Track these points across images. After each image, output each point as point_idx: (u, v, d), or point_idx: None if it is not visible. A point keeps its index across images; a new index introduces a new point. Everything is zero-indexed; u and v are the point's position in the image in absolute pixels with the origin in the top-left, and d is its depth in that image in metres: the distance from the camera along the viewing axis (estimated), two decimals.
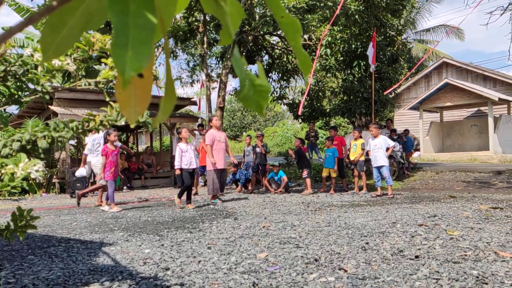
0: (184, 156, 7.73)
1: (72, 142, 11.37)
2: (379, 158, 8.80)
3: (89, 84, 1.96)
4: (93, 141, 9.77)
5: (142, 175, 13.77)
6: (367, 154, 9.58)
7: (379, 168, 8.90)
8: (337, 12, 8.65)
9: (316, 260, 3.45)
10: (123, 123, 1.83)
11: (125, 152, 15.65)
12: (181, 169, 7.70)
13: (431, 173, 13.50)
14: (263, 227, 5.26)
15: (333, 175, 10.11)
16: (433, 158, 20.50)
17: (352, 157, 10.09)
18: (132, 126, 0.59)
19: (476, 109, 22.06)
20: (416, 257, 3.47)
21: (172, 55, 16.81)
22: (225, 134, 9.14)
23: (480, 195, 8.59)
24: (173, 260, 3.56)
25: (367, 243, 4.06)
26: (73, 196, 10.81)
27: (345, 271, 3.12)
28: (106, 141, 7.99)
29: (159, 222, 6.04)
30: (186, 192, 7.83)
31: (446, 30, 30.20)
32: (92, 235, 5.02)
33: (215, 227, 5.34)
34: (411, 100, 23.24)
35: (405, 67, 28.12)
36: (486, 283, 2.71)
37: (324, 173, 10.44)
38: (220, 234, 4.81)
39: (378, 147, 8.82)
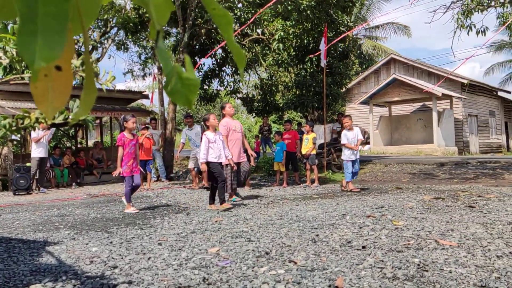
0: (212, 148, 6.43)
1: (15, 137, 10.81)
2: (357, 151, 8.51)
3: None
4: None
5: (93, 171, 13.35)
6: (340, 145, 9.98)
7: (355, 161, 8.52)
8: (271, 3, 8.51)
9: (267, 253, 3.48)
10: (61, 120, 1.75)
11: (72, 147, 15.08)
12: (208, 163, 6.41)
13: (380, 166, 13.97)
14: (216, 221, 5.24)
15: (282, 169, 10.24)
16: (382, 151, 21.25)
17: (304, 151, 10.15)
18: (72, 123, 0.56)
19: (421, 103, 23.03)
20: (363, 247, 3.58)
21: (123, 47, 16.35)
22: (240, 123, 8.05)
23: (424, 186, 8.99)
24: (122, 258, 3.47)
25: (317, 235, 4.14)
26: (17, 193, 10.30)
27: (295, 263, 3.17)
28: (123, 128, 6.70)
29: (108, 219, 5.88)
30: (211, 190, 6.58)
31: (393, 27, 31.24)
32: (35, 234, 4.80)
33: (167, 223, 5.26)
34: (361, 94, 23.91)
35: (356, 63, 28.88)
36: (427, 271, 2.83)
37: (276, 167, 10.55)
38: (171, 230, 4.74)
39: (355, 140, 8.52)
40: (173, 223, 5.20)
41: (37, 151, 10.78)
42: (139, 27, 11.88)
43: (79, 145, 17.43)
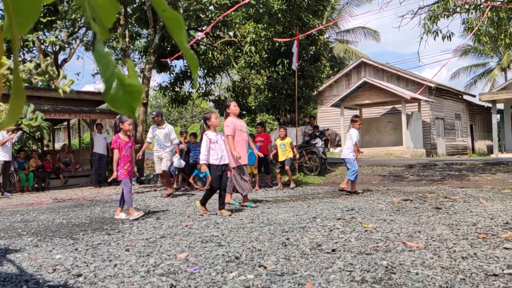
0: (213, 149, 6.07)
1: None
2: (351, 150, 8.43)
3: None
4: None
5: (60, 174, 12.98)
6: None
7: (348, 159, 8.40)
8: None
9: (237, 258, 3.45)
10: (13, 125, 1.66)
11: (38, 150, 14.65)
12: (209, 165, 6.09)
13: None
14: (186, 226, 5.17)
15: (254, 171, 10.20)
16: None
17: (282, 158, 10.01)
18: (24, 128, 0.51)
19: (391, 106, 23.48)
20: (333, 250, 3.59)
21: (91, 48, 15.95)
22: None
23: (393, 188, 9.15)
24: (87, 265, 3.37)
25: (287, 238, 4.14)
26: None
27: (265, 268, 3.15)
28: (117, 130, 6.37)
29: (74, 224, 5.70)
30: (219, 196, 6.21)
31: (363, 31, 31.79)
32: None
33: (136, 228, 5.15)
34: (333, 97, 24.19)
35: (327, 66, 29.22)
36: (394, 273, 2.86)
37: (248, 170, 10.50)
38: (140, 235, 4.64)
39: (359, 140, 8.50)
40: (142, 228, 5.10)
41: (1, 155, 10.41)
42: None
43: (45, 148, 16.93)
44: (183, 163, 8.90)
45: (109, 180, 6.43)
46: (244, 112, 15.31)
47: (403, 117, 20.66)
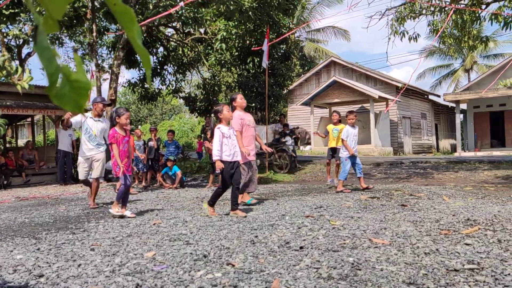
0: (226, 144, 5.55)
1: None
2: (355, 148, 8.17)
3: None
4: None
5: (23, 172, 12.57)
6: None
7: (355, 158, 8.12)
8: None
9: (205, 256, 3.42)
10: None
11: (1, 147, 14.15)
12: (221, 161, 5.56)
13: (321, 166, 14.29)
14: (154, 224, 5.10)
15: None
16: (323, 152, 21.80)
17: (333, 144, 8.98)
18: None
19: (360, 105, 23.88)
20: (301, 248, 3.62)
21: (57, 42, 15.53)
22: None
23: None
24: (49, 266, 3.27)
25: (256, 236, 4.14)
26: None
27: (233, 266, 3.14)
28: (114, 123, 5.99)
29: (38, 223, 5.53)
30: (232, 193, 5.79)
31: (334, 30, 32.18)
32: None
33: (102, 227, 5.04)
34: (303, 96, 24.40)
35: (298, 64, 29.44)
36: (360, 269, 2.91)
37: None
38: (106, 234, 4.55)
39: (356, 138, 8.24)
40: (109, 227, 5.00)
41: None
42: (74, 21, 11.34)
43: (8, 145, 16.36)
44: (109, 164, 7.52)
45: (116, 176, 6.05)
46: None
47: (371, 116, 21.06)
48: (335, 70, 25.25)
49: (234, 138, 5.67)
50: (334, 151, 9.04)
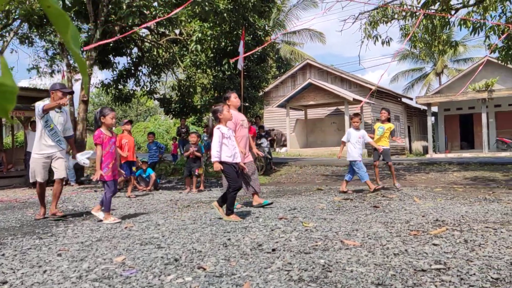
0: (226, 145, 5.36)
1: None
2: (360, 152, 8.04)
3: None
4: None
5: None
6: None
7: (354, 162, 7.96)
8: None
9: (176, 260, 3.38)
10: None
11: None
12: (221, 163, 5.36)
13: (296, 168, 14.39)
14: (125, 228, 5.01)
15: (200, 171, 10.06)
16: (298, 153, 21.95)
17: (378, 143, 8.44)
18: None
19: (335, 108, 24.17)
20: (273, 250, 3.62)
21: (27, 41, 15.14)
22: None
23: (335, 187, 9.39)
24: (14, 272, 3.17)
25: (229, 239, 4.12)
26: None
27: (204, 269, 3.11)
28: (98, 124, 5.70)
29: (3, 228, 5.36)
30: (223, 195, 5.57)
31: (309, 33, 32.46)
32: None
33: (71, 231, 4.92)
34: (279, 98, 24.51)
35: (274, 66, 29.56)
36: (330, 271, 2.93)
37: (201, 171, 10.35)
38: (75, 239, 4.44)
39: (362, 141, 8.08)
40: (78, 231, 4.88)
41: None
42: (44, 20, 11.07)
43: None
44: (87, 161, 6.30)
45: (94, 179, 5.73)
46: (188, 111, 15.15)
47: (346, 118, 21.32)
48: (310, 73, 25.48)
49: (233, 139, 5.51)
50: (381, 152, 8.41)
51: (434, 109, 26.15)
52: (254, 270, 3.03)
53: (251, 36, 13.09)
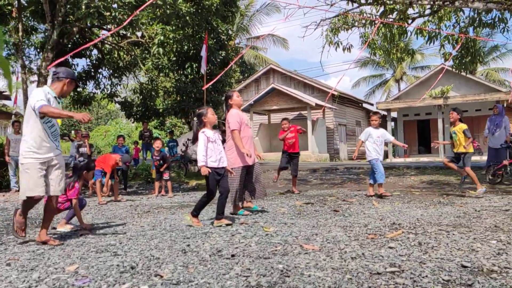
0: (212, 149, 5.17)
1: None
2: (380, 151, 7.70)
3: None
4: None
5: None
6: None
7: (372, 161, 7.69)
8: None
9: (132, 268, 3.29)
10: None
11: None
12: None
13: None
14: (81, 235, 4.85)
15: (166, 177, 9.86)
16: (263, 158, 22.05)
17: (458, 149, 7.69)
18: None
19: (298, 112, 24.43)
20: (232, 256, 3.59)
21: None
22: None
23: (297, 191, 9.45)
24: None
25: (188, 245, 4.06)
26: None
27: (161, 277, 3.04)
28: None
29: None
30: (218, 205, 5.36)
31: (273, 38, 32.74)
32: None
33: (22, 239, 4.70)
34: (243, 102, 24.57)
35: (238, 71, 29.59)
36: (289, 276, 2.93)
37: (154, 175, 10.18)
38: (26, 247, 4.25)
39: (382, 140, 7.77)
40: (30, 239, 4.68)
41: None
42: None
43: None
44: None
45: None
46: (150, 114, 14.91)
47: (308, 123, 21.60)
48: (274, 78, 25.67)
49: (219, 142, 5.34)
50: (458, 156, 7.77)
51: (394, 114, 26.91)
52: (212, 277, 2.99)
53: (215, 40, 13.05)
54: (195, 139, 5.51)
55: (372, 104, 30.36)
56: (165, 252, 3.80)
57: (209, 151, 5.16)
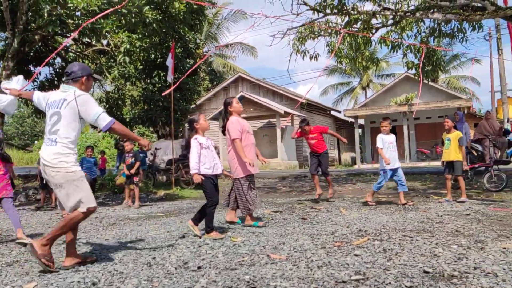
0: (205, 156, 5.05)
1: None
2: (392, 158, 7.39)
3: None
4: None
5: None
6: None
7: (395, 170, 7.43)
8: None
9: (94, 284, 3.19)
10: None
11: None
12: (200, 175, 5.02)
13: (228, 181, 14.33)
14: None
15: (131, 186, 9.62)
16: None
17: (446, 157, 7.69)
18: None
19: (267, 120, 24.54)
20: (199, 268, 3.54)
21: None
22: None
23: (266, 199, 9.47)
24: None
25: (154, 258, 3.98)
26: None
27: None
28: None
29: None
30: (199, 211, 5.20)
31: (241, 46, 32.87)
32: None
33: None
34: (212, 110, 24.47)
35: (206, 79, 29.51)
36: (255, 287, 2.91)
37: (119, 181, 9.91)
38: None
39: (394, 145, 7.53)
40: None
41: None
42: None
43: None
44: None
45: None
46: None
47: (277, 130, 21.73)
48: (243, 86, 25.74)
49: (213, 149, 5.21)
50: (450, 165, 7.68)
51: (361, 121, 27.43)
52: None
53: (182, 48, 12.98)
54: (187, 146, 5.37)
55: (339, 112, 30.86)
56: (129, 266, 3.71)
57: (203, 157, 5.04)
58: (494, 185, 9.12)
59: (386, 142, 7.46)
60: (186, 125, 4.96)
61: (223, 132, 5.95)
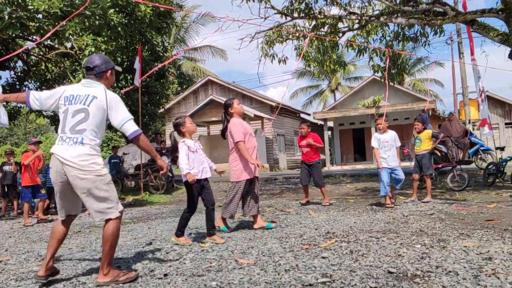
0: (193, 159, 4.92)
1: None
2: (387, 158, 7.21)
3: None
4: None
5: None
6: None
7: (393, 169, 7.24)
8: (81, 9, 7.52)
9: None
10: None
11: None
12: (186, 182, 4.91)
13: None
14: (1, 261, 4.49)
15: None
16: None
17: (419, 150, 8.02)
18: None
19: None
20: (165, 275, 3.47)
21: None
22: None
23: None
24: None
25: (119, 266, 3.88)
26: None
27: None
28: None
29: None
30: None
31: (211, 50, 32.77)
32: None
33: None
34: (181, 114, 24.25)
35: (175, 82, 29.23)
36: None
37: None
38: None
39: (391, 144, 7.28)
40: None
41: None
42: None
43: None
44: None
45: None
46: None
47: None
48: (212, 89, 25.64)
49: (201, 152, 5.05)
50: (419, 164, 7.91)
51: (330, 124, 27.78)
52: None
53: (149, 52, 12.81)
54: (174, 150, 5.20)
55: (309, 114, 31.16)
56: (92, 276, 3.60)
57: (191, 161, 4.90)
58: (457, 185, 9.40)
59: (381, 141, 7.27)
60: (173, 129, 4.80)
61: (223, 135, 5.81)
